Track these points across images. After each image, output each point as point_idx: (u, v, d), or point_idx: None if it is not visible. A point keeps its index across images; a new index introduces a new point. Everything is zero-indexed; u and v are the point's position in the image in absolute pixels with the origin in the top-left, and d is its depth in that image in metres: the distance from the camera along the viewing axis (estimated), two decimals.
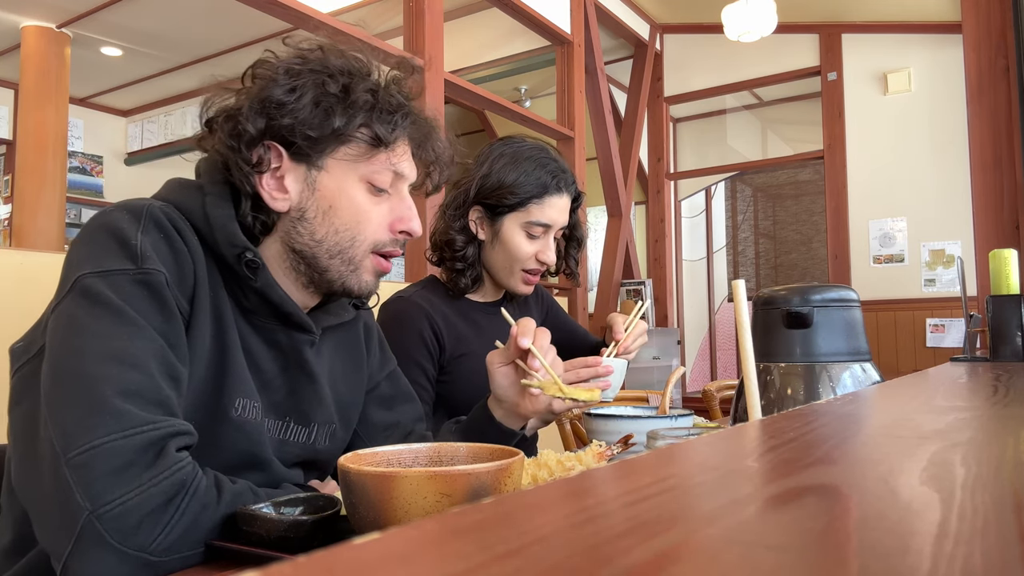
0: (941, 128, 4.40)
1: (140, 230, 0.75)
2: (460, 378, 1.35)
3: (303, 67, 0.84)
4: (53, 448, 0.65)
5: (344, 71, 0.84)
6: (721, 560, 0.19)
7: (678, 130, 5.85)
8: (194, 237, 0.80)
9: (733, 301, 0.75)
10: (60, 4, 4.47)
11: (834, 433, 0.44)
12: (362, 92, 0.84)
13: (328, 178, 0.85)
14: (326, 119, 0.82)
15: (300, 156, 0.84)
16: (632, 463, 0.32)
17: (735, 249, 6.70)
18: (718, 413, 2.27)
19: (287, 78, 0.82)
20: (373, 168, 0.86)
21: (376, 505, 0.61)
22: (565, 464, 0.83)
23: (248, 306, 0.84)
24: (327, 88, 0.82)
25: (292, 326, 0.87)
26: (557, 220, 1.37)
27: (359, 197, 0.86)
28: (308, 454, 0.91)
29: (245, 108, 0.82)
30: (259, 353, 0.86)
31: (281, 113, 0.81)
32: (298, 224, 0.85)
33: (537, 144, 1.41)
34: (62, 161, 4.66)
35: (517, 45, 4.65)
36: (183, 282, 0.77)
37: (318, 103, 0.82)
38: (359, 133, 0.84)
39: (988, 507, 0.25)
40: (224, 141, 0.82)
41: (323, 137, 0.83)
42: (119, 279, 0.72)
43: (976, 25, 2.77)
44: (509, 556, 0.19)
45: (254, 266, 0.81)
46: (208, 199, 0.82)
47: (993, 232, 2.70)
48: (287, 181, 0.84)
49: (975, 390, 0.79)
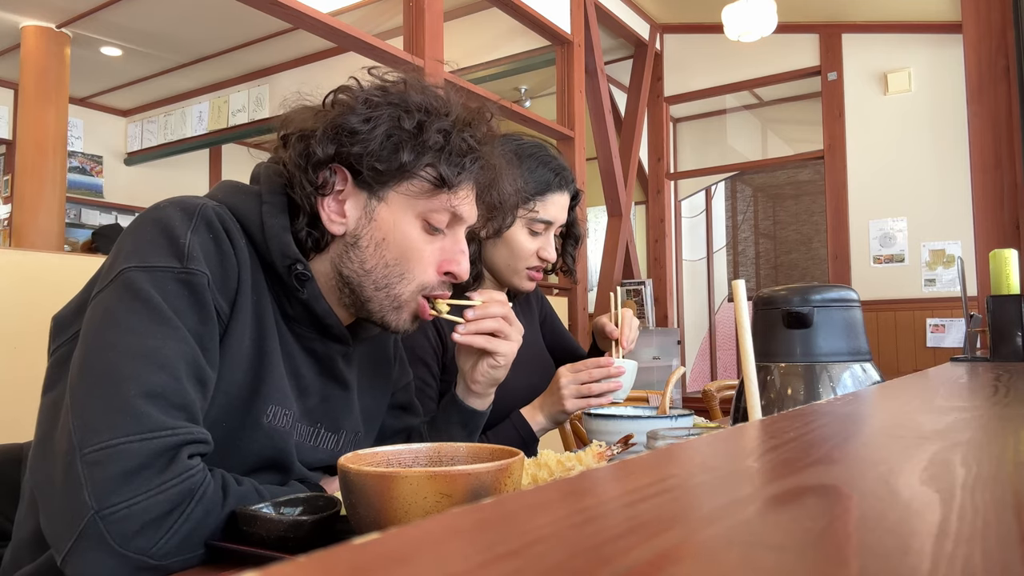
0: (941, 128, 4.40)
1: (191, 229, 0.76)
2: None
3: (382, 99, 0.85)
4: (71, 439, 0.66)
5: (421, 108, 0.85)
6: (721, 560, 0.19)
7: (678, 130, 5.85)
8: (243, 240, 0.81)
9: (733, 301, 0.75)
10: (60, 4, 4.47)
11: (834, 433, 0.44)
12: (434, 132, 0.85)
13: (387, 210, 0.86)
14: (395, 153, 0.83)
15: (364, 184, 0.85)
16: (632, 463, 0.32)
17: (735, 249, 6.70)
18: (718, 413, 2.27)
19: (365, 108, 0.84)
20: (432, 207, 0.87)
21: (376, 505, 0.61)
22: (565, 464, 0.83)
23: (291, 314, 0.86)
24: (401, 123, 0.83)
25: (330, 337, 0.89)
26: (558, 217, 1.39)
27: (413, 233, 0.87)
28: (333, 460, 0.92)
29: (319, 132, 0.83)
30: (298, 358, 0.87)
31: (353, 141, 0.82)
32: (350, 250, 0.86)
33: (535, 142, 1.42)
34: (62, 161, 4.66)
35: (517, 45, 4.64)
36: (226, 284, 0.77)
37: (390, 136, 0.83)
38: (424, 172, 0.85)
39: (988, 507, 0.25)
40: (294, 159, 0.84)
41: (389, 170, 0.84)
42: (162, 276, 0.73)
43: (976, 25, 2.77)
44: (509, 556, 0.19)
45: (304, 278, 0.83)
46: (265, 207, 0.83)
47: (993, 232, 2.70)
48: (347, 206, 0.85)
49: (975, 390, 0.78)
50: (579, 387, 1.23)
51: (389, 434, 1.06)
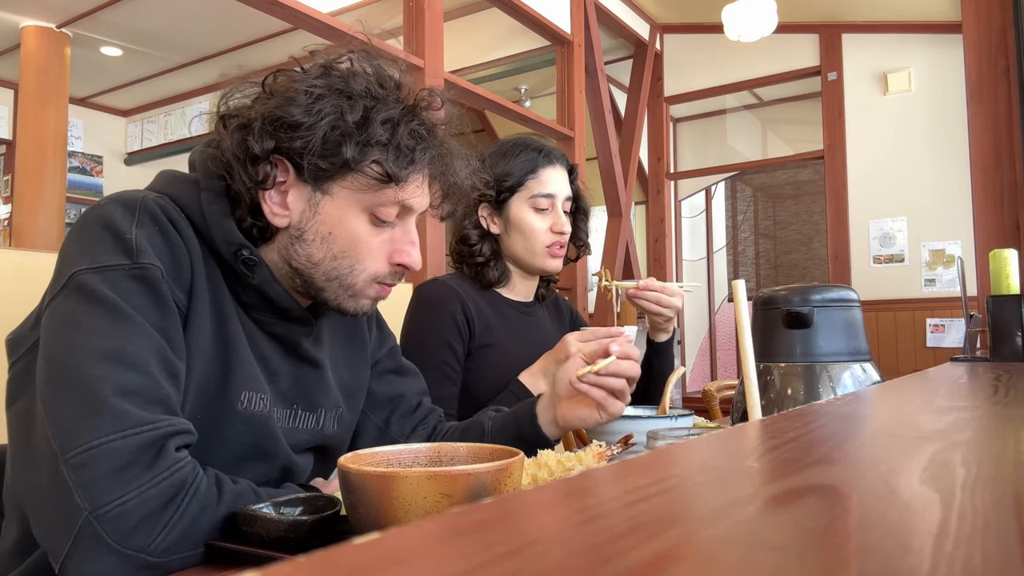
0: (941, 128, 4.40)
1: (135, 223, 0.74)
2: (482, 368, 1.36)
3: (325, 87, 0.80)
4: (51, 447, 0.65)
5: (367, 94, 0.81)
6: (721, 560, 0.19)
7: (678, 130, 5.85)
8: (190, 230, 0.79)
9: (733, 301, 0.75)
10: (60, 4, 4.47)
11: (834, 433, 0.44)
12: (380, 125, 0.80)
13: (331, 204, 0.82)
14: (338, 148, 0.79)
15: (306, 176, 0.81)
16: (632, 463, 0.32)
17: (735, 249, 6.70)
18: (718, 413, 2.27)
19: (306, 98, 0.79)
20: (379, 201, 0.83)
21: (376, 505, 0.61)
22: (565, 464, 0.83)
23: (247, 300, 0.84)
24: (344, 116, 0.79)
25: (291, 320, 0.88)
26: (558, 189, 1.42)
27: (360, 228, 0.84)
28: (317, 439, 0.92)
29: (257, 125, 0.79)
30: (262, 343, 0.86)
31: (293, 136, 0.79)
32: (296, 243, 0.83)
33: (520, 135, 1.49)
34: (62, 161, 4.66)
35: (517, 45, 4.64)
36: (180, 275, 0.76)
37: (333, 129, 0.79)
38: (370, 168, 0.81)
39: (988, 507, 0.25)
40: (232, 150, 0.80)
41: (333, 167, 0.80)
42: (114, 275, 0.71)
43: (976, 25, 2.77)
44: (509, 556, 0.19)
45: (251, 263, 0.81)
46: (204, 194, 0.81)
47: (993, 232, 2.70)
48: (290, 198, 0.82)
49: (975, 390, 0.78)
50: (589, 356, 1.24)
51: (384, 400, 1.04)
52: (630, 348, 0.98)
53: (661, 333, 1.55)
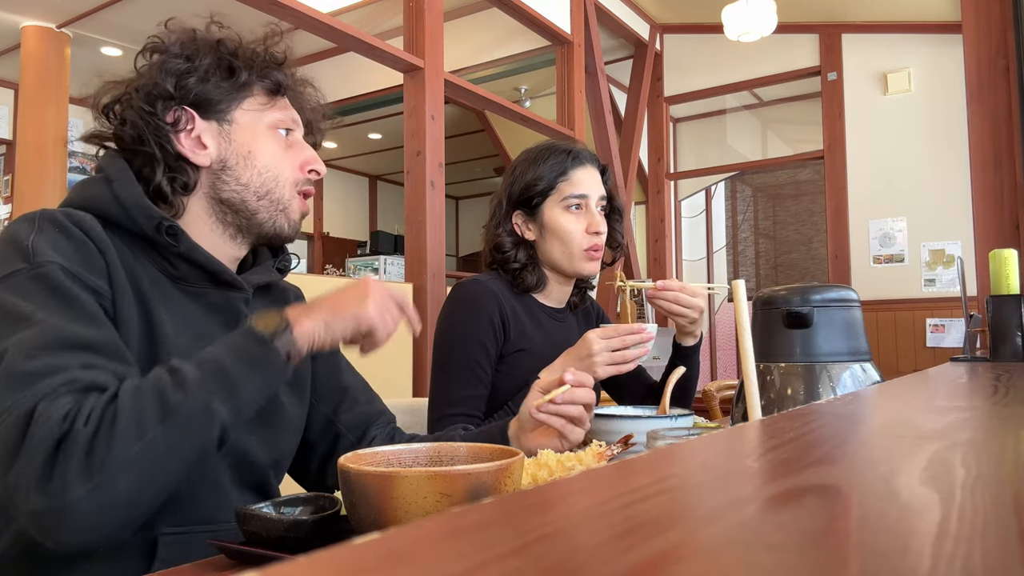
0: (941, 128, 4.40)
1: (34, 231, 0.78)
2: (514, 372, 1.36)
3: (191, 38, 0.93)
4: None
5: (229, 39, 0.95)
6: (721, 560, 0.19)
7: (678, 130, 5.85)
8: (97, 226, 0.82)
9: (733, 301, 0.75)
10: (60, 4, 4.47)
11: (834, 433, 0.44)
12: (250, 51, 0.94)
13: (239, 130, 0.93)
14: (228, 76, 0.91)
15: (210, 114, 0.91)
16: (632, 463, 0.32)
17: (735, 249, 6.70)
18: (718, 413, 2.28)
19: (181, 48, 0.91)
20: (276, 116, 0.95)
21: (376, 505, 0.61)
22: (565, 464, 0.83)
23: (178, 274, 0.88)
24: (221, 51, 0.92)
25: (223, 285, 0.91)
26: (591, 190, 1.41)
27: (271, 142, 0.94)
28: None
29: (153, 80, 0.89)
30: (199, 318, 0.88)
31: (186, 77, 0.89)
32: (222, 174, 0.91)
33: (549, 140, 1.48)
34: (62, 161, 4.66)
35: (517, 45, 4.64)
36: (91, 265, 0.79)
37: (218, 62, 0.91)
38: (258, 85, 0.94)
39: (988, 507, 0.25)
40: (139, 110, 0.88)
41: (228, 93, 0.91)
42: (14, 280, 0.75)
43: (976, 25, 2.77)
44: (509, 556, 0.19)
45: (174, 232, 0.85)
46: (115, 184, 0.86)
47: (993, 232, 2.70)
48: (204, 139, 0.91)
49: (975, 390, 0.79)
50: (612, 354, 1.23)
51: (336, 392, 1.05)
52: (584, 376, 0.96)
53: (687, 337, 1.46)
